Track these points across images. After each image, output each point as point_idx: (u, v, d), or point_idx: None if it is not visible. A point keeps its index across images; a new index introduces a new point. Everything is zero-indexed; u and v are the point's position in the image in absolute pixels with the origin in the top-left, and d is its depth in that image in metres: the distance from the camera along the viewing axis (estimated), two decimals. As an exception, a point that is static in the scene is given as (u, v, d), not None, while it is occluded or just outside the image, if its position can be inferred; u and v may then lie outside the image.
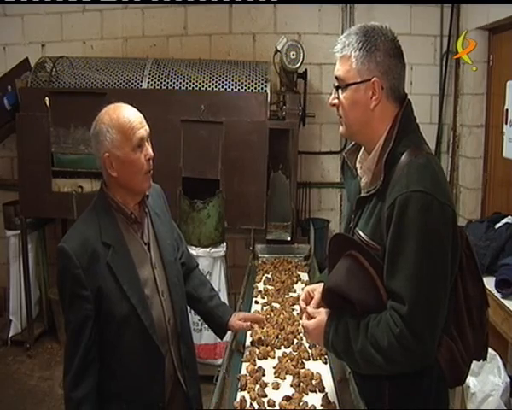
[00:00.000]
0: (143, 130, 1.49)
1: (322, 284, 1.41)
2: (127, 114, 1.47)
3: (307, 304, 1.40)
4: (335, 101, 1.32)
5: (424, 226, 1.15)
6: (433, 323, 1.16)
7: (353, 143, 1.46)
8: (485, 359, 1.37)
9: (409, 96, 1.33)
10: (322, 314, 1.32)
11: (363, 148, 1.39)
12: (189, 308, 1.80)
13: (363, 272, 1.22)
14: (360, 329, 1.21)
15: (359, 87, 1.25)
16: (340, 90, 1.30)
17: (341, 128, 1.35)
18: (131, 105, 1.54)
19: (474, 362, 1.35)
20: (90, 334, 1.43)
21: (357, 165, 1.40)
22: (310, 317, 1.36)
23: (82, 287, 1.42)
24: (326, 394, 1.46)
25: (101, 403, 1.47)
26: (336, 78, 1.31)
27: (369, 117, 1.27)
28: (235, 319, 1.78)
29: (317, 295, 1.39)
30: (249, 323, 1.76)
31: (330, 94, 1.36)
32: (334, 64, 1.32)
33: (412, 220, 1.15)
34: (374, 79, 1.24)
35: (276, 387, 1.51)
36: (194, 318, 3.17)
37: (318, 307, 1.36)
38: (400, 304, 1.15)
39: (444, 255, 1.17)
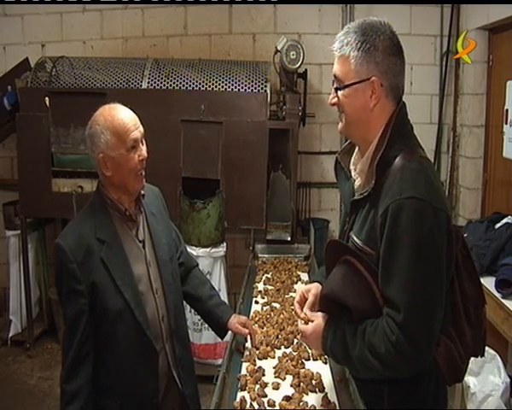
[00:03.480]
0: (137, 131, 1.50)
1: (316, 285, 1.42)
2: (121, 115, 1.49)
3: (302, 305, 1.39)
4: (335, 100, 1.31)
5: (418, 233, 1.14)
6: (430, 329, 1.16)
7: (347, 143, 1.45)
8: (482, 355, 1.37)
9: (409, 96, 1.32)
10: (319, 318, 1.32)
11: (356, 149, 1.38)
12: (189, 308, 1.80)
13: (358, 278, 1.22)
14: (357, 335, 1.21)
15: (358, 87, 1.25)
16: (339, 91, 1.29)
17: (340, 125, 1.34)
18: (131, 105, 1.55)
19: (474, 362, 1.36)
20: (84, 328, 1.46)
21: (351, 167, 1.39)
22: (306, 321, 1.36)
23: (77, 282, 1.45)
24: (326, 394, 1.46)
25: (95, 397, 1.49)
26: (335, 76, 1.30)
27: (368, 116, 1.27)
28: (235, 322, 1.78)
29: (310, 298, 1.39)
30: (247, 331, 1.76)
31: (330, 94, 1.36)
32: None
33: (406, 227, 1.14)
34: (373, 78, 1.23)
35: (276, 387, 1.51)
36: (194, 318, 3.17)
37: (312, 309, 1.36)
38: (396, 311, 1.15)
39: (438, 261, 1.17)
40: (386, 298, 1.18)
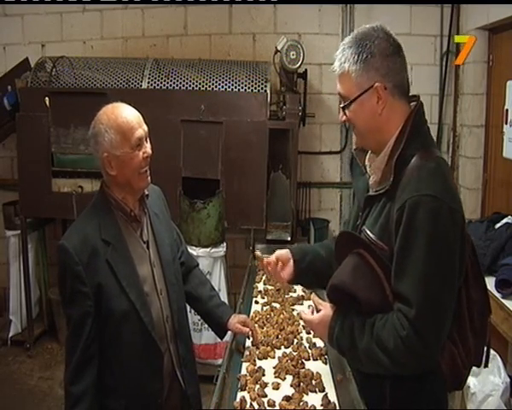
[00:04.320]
0: (141, 129, 1.50)
1: (287, 251, 1.57)
2: (125, 114, 1.48)
3: (273, 269, 1.57)
4: (344, 117, 1.32)
5: (433, 231, 1.15)
6: (440, 327, 1.16)
7: None
8: (485, 366, 1.37)
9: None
10: (327, 308, 1.33)
11: None
12: (189, 308, 1.80)
13: (369, 271, 1.22)
14: (365, 328, 1.21)
15: (363, 98, 1.25)
16: (346, 109, 1.30)
17: (356, 139, 1.36)
18: (131, 105, 1.54)
19: (475, 362, 1.35)
20: (89, 330, 1.45)
21: (367, 163, 1.39)
22: (312, 311, 1.37)
23: (82, 283, 1.44)
24: (326, 394, 1.46)
25: (100, 398, 1.49)
26: (340, 95, 1.31)
27: (379, 122, 1.27)
28: (235, 321, 1.78)
29: (285, 268, 1.56)
30: (248, 329, 1.76)
31: (330, 94, 1.37)
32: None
33: (421, 224, 1.15)
34: (376, 84, 1.23)
35: (276, 387, 1.51)
36: (194, 318, 3.17)
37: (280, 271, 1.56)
38: (408, 307, 1.15)
39: (452, 260, 1.17)
40: (399, 293, 1.19)
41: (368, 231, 1.29)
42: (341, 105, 1.31)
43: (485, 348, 1.34)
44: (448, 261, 1.17)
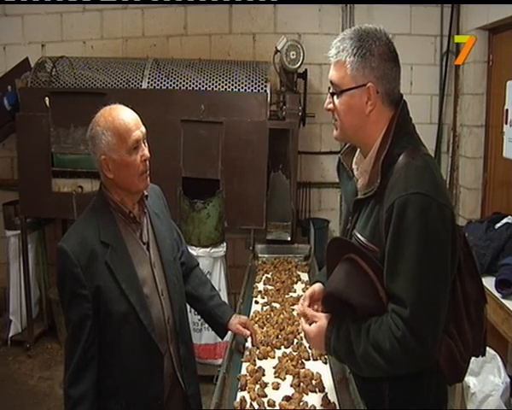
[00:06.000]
0: (139, 131, 1.49)
1: (318, 284, 1.44)
2: (122, 116, 1.47)
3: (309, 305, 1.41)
4: (331, 106, 1.31)
5: (424, 228, 1.14)
6: (435, 324, 1.16)
7: (349, 144, 1.46)
8: (483, 355, 1.37)
9: (409, 97, 1.32)
10: (322, 319, 1.32)
11: (358, 149, 1.39)
12: (189, 308, 1.80)
13: (362, 276, 1.22)
14: (361, 333, 1.21)
15: (354, 93, 1.25)
16: (335, 96, 1.29)
17: (335, 132, 1.34)
18: (131, 105, 1.54)
19: (475, 362, 1.36)
20: (89, 332, 1.44)
21: (354, 166, 1.39)
22: (310, 322, 1.36)
23: (81, 286, 1.43)
24: (326, 394, 1.46)
25: (100, 401, 1.48)
26: (331, 82, 1.31)
27: (364, 122, 1.27)
28: (236, 322, 1.78)
29: (316, 296, 1.41)
30: (248, 332, 1.76)
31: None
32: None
33: (411, 223, 1.15)
34: (369, 84, 1.23)
35: (276, 387, 1.51)
36: (194, 318, 3.17)
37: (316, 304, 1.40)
38: (401, 307, 1.15)
39: (444, 257, 1.17)
40: (392, 294, 1.19)
41: (358, 235, 1.29)
42: (331, 91, 1.31)
43: (483, 337, 1.34)
44: (440, 258, 1.17)
